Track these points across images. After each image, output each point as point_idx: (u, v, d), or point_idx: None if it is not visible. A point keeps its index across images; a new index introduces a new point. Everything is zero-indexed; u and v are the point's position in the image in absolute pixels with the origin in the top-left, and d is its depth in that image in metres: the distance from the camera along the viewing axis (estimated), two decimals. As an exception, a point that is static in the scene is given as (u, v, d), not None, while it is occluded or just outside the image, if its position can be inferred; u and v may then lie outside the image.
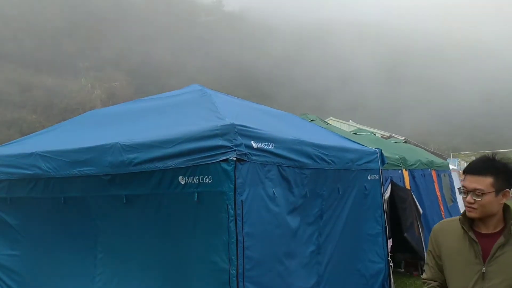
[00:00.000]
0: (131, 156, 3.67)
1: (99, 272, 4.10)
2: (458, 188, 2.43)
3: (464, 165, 38.49)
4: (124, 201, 3.77)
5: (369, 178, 5.96)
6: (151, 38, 72.55)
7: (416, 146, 14.93)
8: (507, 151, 47.27)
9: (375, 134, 10.81)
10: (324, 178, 4.84)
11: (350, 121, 33.82)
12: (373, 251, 5.88)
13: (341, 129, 9.57)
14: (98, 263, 4.10)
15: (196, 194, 3.39)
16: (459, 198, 14.25)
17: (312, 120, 9.00)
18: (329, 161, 4.88)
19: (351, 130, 10.90)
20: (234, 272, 3.26)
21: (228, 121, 3.45)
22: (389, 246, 6.39)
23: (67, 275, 4.32)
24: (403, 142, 12.55)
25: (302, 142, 4.37)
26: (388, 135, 23.85)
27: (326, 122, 10.01)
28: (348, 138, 6.56)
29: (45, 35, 60.70)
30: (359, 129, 11.65)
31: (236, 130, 3.36)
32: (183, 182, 3.45)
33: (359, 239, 5.62)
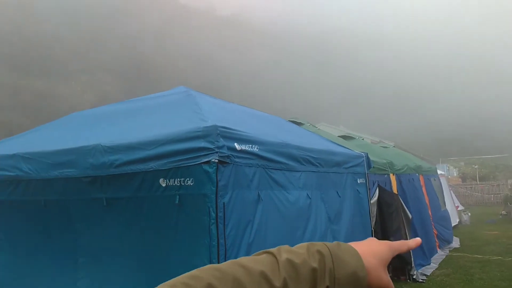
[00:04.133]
0: (112, 157, 3.62)
1: (81, 277, 4.02)
2: None
3: (453, 170, 38.86)
4: (105, 204, 3.71)
5: (358, 182, 5.99)
6: (143, 42, 72.38)
7: (405, 151, 15.00)
8: (494, 157, 47.78)
9: (363, 139, 10.83)
10: (318, 181, 4.84)
11: (341, 126, 33.97)
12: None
13: (330, 134, 9.57)
14: (79, 267, 4.03)
15: (178, 196, 3.34)
16: (448, 203, 14.34)
17: (301, 124, 8.99)
18: (316, 164, 4.88)
19: (340, 135, 10.90)
20: (215, 276, 3.21)
21: (210, 122, 3.41)
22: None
23: (48, 280, 4.23)
24: (392, 147, 12.60)
25: (287, 145, 4.36)
26: (378, 140, 23.95)
27: (315, 127, 10.00)
28: (335, 142, 6.57)
29: (35, 38, 60.30)
30: (348, 133, 11.66)
31: (218, 131, 3.33)
32: (164, 185, 3.40)
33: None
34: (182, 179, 3.34)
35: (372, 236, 5.15)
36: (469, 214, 18.19)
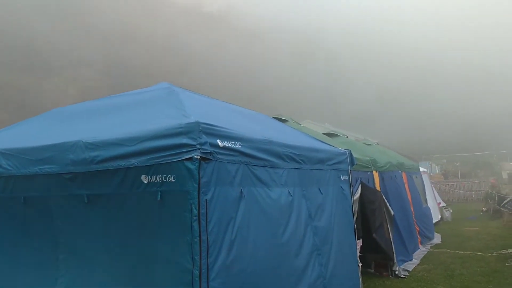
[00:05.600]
0: (93, 154, 3.59)
1: (62, 274, 3.97)
2: None
3: (435, 168, 39.40)
4: (86, 201, 3.67)
5: (342, 179, 6.04)
6: (128, 38, 71.69)
7: (389, 149, 15.14)
8: (476, 154, 48.66)
9: (347, 137, 10.92)
10: (301, 178, 4.86)
11: (326, 124, 34.14)
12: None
13: (314, 131, 9.62)
14: (60, 265, 3.97)
15: (159, 193, 3.32)
16: (430, 199, 14.54)
17: (285, 121, 9.01)
18: (300, 160, 4.91)
19: (324, 132, 10.96)
20: (197, 272, 3.21)
21: (192, 119, 3.40)
22: (358, 247, 6.46)
23: (28, 277, 4.17)
24: (376, 145, 12.71)
25: (271, 142, 4.36)
26: (362, 138, 24.14)
27: (299, 124, 10.04)
28: (319, 139, 6.60)
29: (18, 33, 59.26)
30: (332, 131, 11.74)
31: (200, 128, 3.31)
32: (146, 181, 3.38)
33: (343, 239, 5.71)
34: (164, 175, 3.32)
35: (354, 233, 5.19)
36: (451, 210, 18.47)
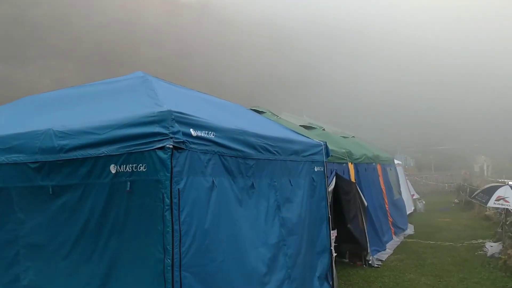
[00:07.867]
0: (63, 142, 3.49)
1: (24, 269, 3.84)
2: None
3: (410, 161, 40.14)
4: (51, 193, 3.57)
5: (315, 170, 6.07)
6: (103, 27, 70.26)
7: (365, 141, 15.31)
8: (449, 148, 49.78)
9: (324, 129, 10.99)
10: (272, 169, 4.86)
11: (304, 116, 34.26)
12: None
13: (291, 123, 9.64)
14: (21, 260, 3.85)
15: (129, 183, 3.25)
16: (404, 191, 14.82)
17: (262, 112, 9.00)
18: (274, 151, 4.91)
19: (301, 124, 11.00)
20: (169, 261, 3.18)
21: (165, 107, 3.35)
22: (333, 237, 6.53)
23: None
24: (352, 137, 12.84)
25: (245, 132, 4.34)
26: (340, 130, 24.34)
27: (276, 115, 10.04)
28: (296, 131, 6.62)
29: (-12, 20, 57.36)
30: (309, 123, 11.79)
31: (173, 117, 3.26)
32: (114, 171, 3.30)
33: (313, 229, 5.74)
34: (134, 164, 3.25)
35: (329, 223, 5.22)
36: (424, 202, 18.90)
